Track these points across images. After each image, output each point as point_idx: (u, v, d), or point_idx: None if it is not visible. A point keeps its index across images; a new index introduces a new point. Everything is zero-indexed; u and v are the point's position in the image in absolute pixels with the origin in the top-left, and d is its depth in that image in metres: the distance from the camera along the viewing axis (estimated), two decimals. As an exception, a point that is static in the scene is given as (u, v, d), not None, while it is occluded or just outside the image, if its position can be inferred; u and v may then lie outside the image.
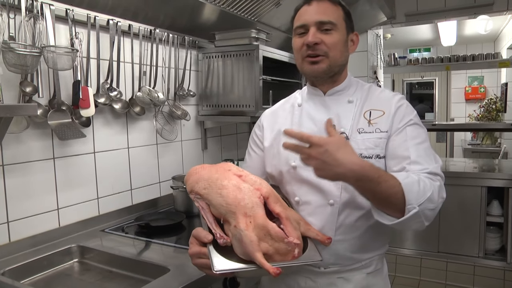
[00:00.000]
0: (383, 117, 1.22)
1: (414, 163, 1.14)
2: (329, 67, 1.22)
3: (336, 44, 1.21)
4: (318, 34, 1.20)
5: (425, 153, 1.17)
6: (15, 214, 1.57)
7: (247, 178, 1.12)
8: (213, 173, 1.12)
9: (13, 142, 1.55)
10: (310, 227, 1.12)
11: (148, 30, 2.05)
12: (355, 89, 1.30)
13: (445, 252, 3.27)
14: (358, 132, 1.22)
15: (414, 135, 1.19)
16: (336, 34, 1.20)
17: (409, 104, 1.26)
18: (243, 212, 0.99)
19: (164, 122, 2.19)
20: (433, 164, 1.15)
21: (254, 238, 0.96)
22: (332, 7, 1.22)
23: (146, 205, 2.15)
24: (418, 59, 4.73)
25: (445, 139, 6.94)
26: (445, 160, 4.23)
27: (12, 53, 1.40)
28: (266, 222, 0.98)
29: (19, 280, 1.41)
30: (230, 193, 1.03)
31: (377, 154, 1.20)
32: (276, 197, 1.08)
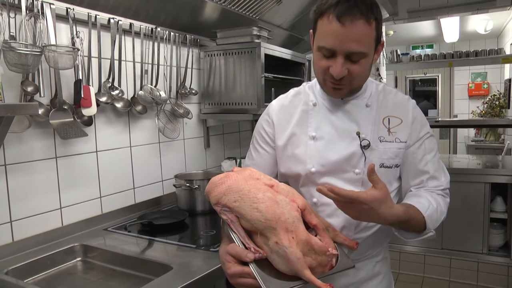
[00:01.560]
0: (401, 126, 1.22)
1: (432, 178, 1.22)
2: (350, 91, 1.19)
3: (363, 73, 1.14)
4: (346, 64, 1.09)
5: (439, 166, 1.24)
6: (18, 213, 1.58)
7: (279, 188, 1.09)
8: (242, 184, 1.06)
9: (15, 142, 1.55)
10: (338, 233, 1.14)
11: (149, 28, 2.04)
12: (371, 91, 1.25)
13: (448, 249, 3.26)
14: (380, 140, 1.21)
15: (431, 147, 1.23)
16: (364, 63, 1.11)
17: (420, 111, 1.26)
18: (285, 228, 0.97)
19: (166, 120, 2.19)
20: (445, 177, 1.25)
21: (300, 255, 0.95)
22: (367, 29, 1.06)
23: (148, 204, 2.15)
24: (421, 56, 4.70)
25: (448, 136, 6.92)
26: (449, 156, 4.22)
27: (13, 53, 1.40)
28: (309, 237, 0.99)
29: (23, 279, 1.41)
30: (269, 208, 1.00)
31: (396, 164, 1.23)
32: (311, 208, 1.09)
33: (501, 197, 3.18)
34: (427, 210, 1.11)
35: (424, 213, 1.10)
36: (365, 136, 1.21)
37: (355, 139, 1.20)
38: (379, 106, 1.24)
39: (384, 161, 1.21)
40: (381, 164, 1.20)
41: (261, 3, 2.33)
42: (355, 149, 1.20)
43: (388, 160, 1.21)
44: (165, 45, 2.16)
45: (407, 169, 1.24)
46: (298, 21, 2.87)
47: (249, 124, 3.03)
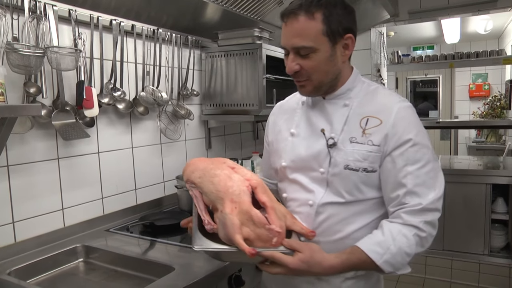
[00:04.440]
0: (379, 127, 1.14)
1: (410, 194, 1.09)
2: (314, 89, 1.18)
3: (316, 67, 1.13)
4: (296, 59, 1.13)
5: (425, 180, 1.09)
6: (20, 214, 1.58)
7: (239, 170, 1.16)
8: (208, 164, 1.18)
9: (17, 143, 1.56)
10: (296, 221, 1.14)
11: (151, 30, 2.05)
12: (359, 91, 1.21)
13: (450, 250, 3.27)
14: (350, 141, 1.16)
15: (416, 158, 1.10)
16: (315, 57, 1.11)
17: (414, 114, 1.16)
18: (230, 198, 1.04)
19: (168, 121, 2.19)
20: (431, 195, 1.09)
21: (236, 221, 1.01)
22: (309, 23, 1.09)
23: (150, 205, 2.15)
24: (422, 57, 4.71)
25: (449, 137, 6.92)
26: (449, 158, 4.22)
27: (16, 54, 1.41)
28: (250, 208, 1.03)
29: (25, 280, 1.41)
30: (221, 181, 1.09)
31: (365, 168, 1.14)
32: (264, 188, 1.12)
33: (503, 198, 3.18)
34: (383, 257, 1.04)
35: (378, 261, 1.04)
36: (333, 135, 1.18)
37: (323, 137, 1.19)
38: (361, 106, 1.19)
39: (350, 162, 1.15)
40: (346, 166, 1.15)
41: (262, 4, 2.33)
42: (321, 147, 1.19)
43: (354, 162, 1.14)
44: (166, 46, 2.16)
45: (385, 179, 1.14)
46: (299, 23, 2.87)
47: (250, 125, 3.03)
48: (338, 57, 1.14)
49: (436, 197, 1.09)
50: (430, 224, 1.08)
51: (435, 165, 1.12)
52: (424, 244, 1.09)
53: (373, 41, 3.48)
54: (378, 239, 1.07)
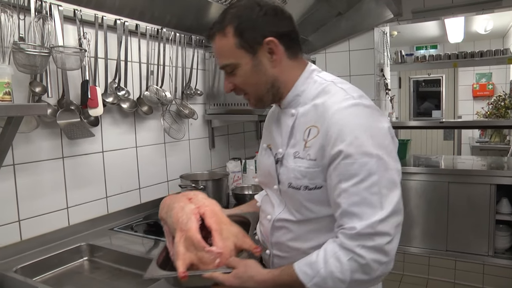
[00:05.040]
0: (317, 137, 1.02)
1: (346, 214, 0.94)
2: (257, 101, 1.13)
3: (244, 82, 1.09)
4: (228, 78, 1.11)
5: (365, 197, 0.92)
6: (25, 213, 1.59)
7: (195, 200, 1.20)
8: (172, 199, 1.24)
9: (23, 142, 1.57)
10: (247, 240, 1.12)
11: (155, 29, 2.06)
12: (309, 95, 1.10)
13: (453, 251, 3.26)
14: (294, 156, 1.07)
15: (351, 172, 0.94)
16: (240, 72, 1.08)
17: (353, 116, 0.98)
18: (180, 227, 1.09)
19: (171, 121, 2.20)
20: (375, 216, 0.91)
21: (180, 249, 1.05)
22: (222, 41, 1.07)
23: (154, 204, 2.15)
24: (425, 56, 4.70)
25: (452, 137, 6.90)
26: (453, 158, 4.21)
27: (22, 54, 1.42)
28: (193, 234, 1.06)
29: (31, 277, 1.42)
30: (175, 213, 1.14)
31: (306, 186, 1.04)
32: (213, 213, 1.14)
33: (507, 198, 3.16)
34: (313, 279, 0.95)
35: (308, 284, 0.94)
36: (280, 151, 1.12)
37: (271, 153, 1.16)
38: (306, 113, 1.08)
39: (292, 180, 1.07)
40: (289, 184, 1.08)
41: (266, 4, 2.33)
42: (271, 163, 1.15)
43: (295, 180, 1.06)
44: (170, 46, 2.17)
45: (330, 198, 1.01)
46: (302, 22, 2.87)
47: (253, 125, 3.04)
48: (266, 65, 1.07)
49: (380, 218, 0.91)
50: (374, 250, 0.91)
51: (381, 178, 0.93)
52: (368, 272, 0.92)
53: (376, 41, 3.47)
54: (311, 259, 0.97)
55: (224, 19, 1.07)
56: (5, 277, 1.26)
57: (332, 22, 3.22)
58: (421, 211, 3.32)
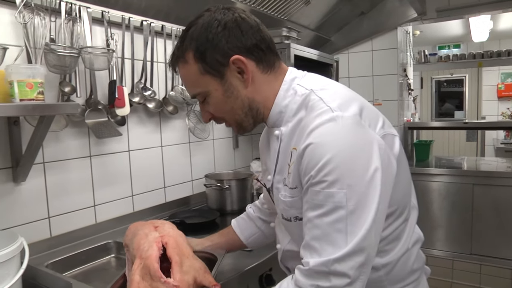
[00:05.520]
0: (295, 163, 0.88)
1: (306, 247, 0.82)
2: (240, 127, 1.01)
3: (220, 108, 0.97)
4: (204, 107, 1.00)
5: (327, 233, 0.78)
6: (55, 210, 1.63)
7: (160, 228, 1.15)
8: (137, 226, 1.19)
9: (52, 141, 1.61)
10: (207, 276, 1.06)
11: (180, 30, 2.08)
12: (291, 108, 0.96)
13: (478, 254, 3.19)
14: (283, 183, 0.96)
15: (318, 201, 0.80)
16: (211, 100, 0.96)
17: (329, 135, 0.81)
18: (139, 255, 1.05)
19: (196, 121, 2.22)
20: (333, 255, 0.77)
21: (135, 277, 1.01)
22: (185, 69, 0.95)
23: (178, 203, 2.18)
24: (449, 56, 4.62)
25: (475, 138, 6.76)
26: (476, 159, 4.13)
27: (53, 54, 1.46)
28: (151, 263, 1.01)
29: (61, 272, 1.45)
30: (137, 240, 1.10)
31: (295, 216, 0.93)
32: (177, 243, 1.09)
33: (534, 201, 3.09)
34: None
35: None
36: (269, 178, 1.01)
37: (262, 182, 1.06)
38: (290, 133, 0.94)
39: (282, 211, 0.97)
40: (282, 215, 0.98)
41: (290, 4, 2.33)
42: (266, 191, 1.06)
43: (284, 211, 0.95)
44: (195, 47, 2.18)
45: None
46: (325, 22, 2.87)
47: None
48: (237, 87, 0.94)
49: (336, 257, 0.77)
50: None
51: (350, 214, 0.78)
52: None
53: (399, 40, 3.43)
54: None
55: (183, 44, 0.94)
56: (38, 271, 1.29)
57: (355, 22, 3.20)
58: (444, 213, 3.26)
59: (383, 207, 0.82)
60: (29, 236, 1.44)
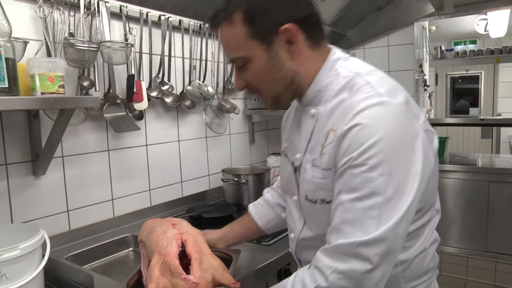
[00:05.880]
0: (333, 143, 0.85)
1: (333, 231, 0.81)
2: (274, 100, 0.97)
3: (259, 78, 0.93)
4: (240, 74, 0.95)
5: (358, 218, 0.77)
6: (73, 203, 1.64)
7: (178, 225, 1.15)
8: (154, 223, 1.19)
9: (71, 134, 1.62)
10: (226, 275, 1.05)
11: (197, 25, 2.07)
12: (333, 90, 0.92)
13: (494, 252, 3.15)
14: (312, 164, 0.92)
15: (354, 184, 0.78)
16: (252, 67, 0.91)
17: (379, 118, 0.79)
18: (158, 251, 1.05)
19: (213, 115, 2.22)
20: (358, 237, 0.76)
21: (155, 272, 1.00)
22: (230, 30, 0.90)
23: (195, 198, 2.18)
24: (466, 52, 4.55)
25: (490, 135, 6.67)
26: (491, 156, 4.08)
27: (72, 49, 1.46)
28: (171, 259, 1.01)
29: (81, 265, 1.46)
30: (155, 236, 1.10)
31: (322, 199, 0.90)
32: (196, 241, 1.09)
33: (553, 199, 3.04)
34: None
35: None
36: (298, 156, 0.97)
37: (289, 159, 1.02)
38: (328, 114, 0.90)
39: (307, 192, 0.93)
40: (305, 196, 0.94)
41: (307, -2, 2.31)
42: (290, 170, 1.02)
43: (310, 192, 0.92)
44: (212, 41, 2.18)
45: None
46: (341, 17, 2.84)
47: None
48: (283, 57, 0.90)
49: (363, 240, 0.75)
50: (346, 276, 0.77)
51: (386, 202, 0.76)
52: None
53: (416, 36, 3.38)
54: (282, 284, 0.88)
55: (230, 3, 0.89)
56: (58, 263, 1.30)
57: (371, 17, 3.16)
58: (459, 210, 3.22)
59: (417, 200, 0.80)
60: (49, 229, 1.45)
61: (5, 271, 1.06)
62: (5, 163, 1.43)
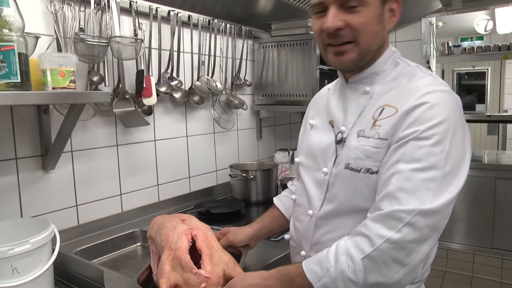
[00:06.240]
0: (392, 118, 0.90)
1: (388, 197, 0.83)
2: (359, 57, 0.95)
3: (367, 25, 0.91)
4: (340, 15, 0.91)
5: (417, 187, 0.81)
6: (82, 198, 1.65)
7: (188, 221, 1.17)
8: (164, 219, 1.21)
9: (80, 129, 1.62)
10: (237, 269, 1.06)
11: (206, 20, 2.07)
12: (388, 75, 0.98)
13: (500, 249, 3.14)
14: (358, 134, 0.95)
15: (416, 155, 0.82)
16: (365, 11, 0.90)
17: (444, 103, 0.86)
18: (168, 246, 1.06)
19: (221, 111, 2.22)
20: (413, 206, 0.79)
21: (166, 267, 1.01)
22: None
23: (203, 193, 2.19)
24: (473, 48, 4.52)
25: (497, 132, 6.63)
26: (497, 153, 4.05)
27: (82, 44, 1.46)
28: (182, 254, 1.02)
29: (90, 260, 1.47)
30: (166, 232, 1.11)
31: (368, 168, 0.92)
32: (205, 236, 1.10)
33: (561, 196, 3.02)
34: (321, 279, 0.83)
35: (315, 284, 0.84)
36: (343, 129, 0.99)
37: (332, 130, 1.03)
38: (383, 94, 0.96)
39: (351, 161, 0.94)
40: (347, 165, 0.95)
41: (315, -6, 2.30)
42: (330, 141, 1.02)
43: (355, 160, 0.93)
44: (221, 37, 2.18)
45: (378, 177, 0.90)
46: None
47: (299, 116, 3.01)
48: (386, 21, 0.95)
49: (420, 210, 0.79)
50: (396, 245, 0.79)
51: (443, 178, 0.81)
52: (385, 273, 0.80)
53: (423, 32, 3.36)
54: (321, 256, 0.87)
55: None
56: (68, 258, 1.31)
57: (379, 13, 3.14)
58: (465, 206, 3.21)
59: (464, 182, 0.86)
60: (58, 223, 1.44)
61: (16, 265, 1.07)
62: (15, 157, 1.44)
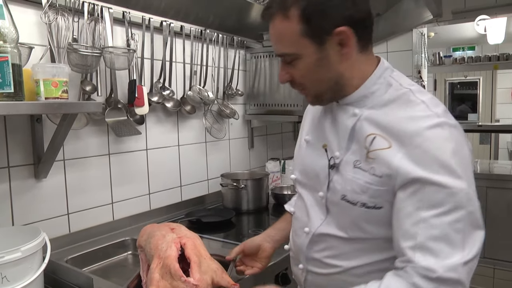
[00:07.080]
0: (386, 152, 0.86)
1: (420, 249, 0.79)
2: (316, 98, 0.98)
3: (306, 75, 0.92)
4: (286, 68, 0.94)
5: (446, 233, 0.78)
6: (73, 206, 1.65)
7: (177, 230, 1.18)
8: (153, 228, 1.21)
9: (73, 138, 1.63)
10: (225, 277, 1.08)
11: (198, 30, 2.09)
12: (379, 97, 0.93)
13: (492, 258, 3.16)
14: (354, 165, 0.92)
15: (436, 200, 0.79)
16: (300, 64, 0.91)
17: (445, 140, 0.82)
18: (158, 255, 1.07)
19: (213, 120, 2.24)
20: (454, 257, 0.77)
21: (155, 275, 1.02)
22: (284, 24, 0.88)
23: (194, 202, 2.20)
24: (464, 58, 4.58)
25: (489, 141, 6.69)
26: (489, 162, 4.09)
27: (76, 54, 1.48)
28: (171, 262, 1.03)
29: (81, 268, 1.47)
30: (155, 240, 1.12)
31: (363, 203, 0.90)
32: (194, 245, 1.11)
33: (550, 205, 3.05)
34: None
35: None
36: (337, 154, 0.96)
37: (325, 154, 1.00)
38: (373, 119, 0.91)
39: (347, 193, 0.92)
40: (343, 196, 0.93)
41: (307, 5, 2.33)
42: (323, 165, 0.99)
43: (351, 193, 0.91)
44: (213, 47, 2.20)
45: (397, 224, 0.85)
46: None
47: (291, 125, 3.04)
48: (332, 59, 0.90)
49: (461, 262, 0.77)
50: None
51: (468, 215, 0.79)
52: None
53: (414, 42, 3.41)
54: None
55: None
56: (59, 266, 1.31)
57: (371, 23, 3.18)
58: (457, 216, 3.23)
59: None
60: (49, 231, 1.45)
61: (6, 273, 1.08)
62: (7, 166, 1.45)
